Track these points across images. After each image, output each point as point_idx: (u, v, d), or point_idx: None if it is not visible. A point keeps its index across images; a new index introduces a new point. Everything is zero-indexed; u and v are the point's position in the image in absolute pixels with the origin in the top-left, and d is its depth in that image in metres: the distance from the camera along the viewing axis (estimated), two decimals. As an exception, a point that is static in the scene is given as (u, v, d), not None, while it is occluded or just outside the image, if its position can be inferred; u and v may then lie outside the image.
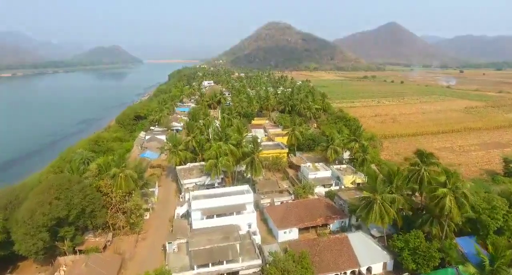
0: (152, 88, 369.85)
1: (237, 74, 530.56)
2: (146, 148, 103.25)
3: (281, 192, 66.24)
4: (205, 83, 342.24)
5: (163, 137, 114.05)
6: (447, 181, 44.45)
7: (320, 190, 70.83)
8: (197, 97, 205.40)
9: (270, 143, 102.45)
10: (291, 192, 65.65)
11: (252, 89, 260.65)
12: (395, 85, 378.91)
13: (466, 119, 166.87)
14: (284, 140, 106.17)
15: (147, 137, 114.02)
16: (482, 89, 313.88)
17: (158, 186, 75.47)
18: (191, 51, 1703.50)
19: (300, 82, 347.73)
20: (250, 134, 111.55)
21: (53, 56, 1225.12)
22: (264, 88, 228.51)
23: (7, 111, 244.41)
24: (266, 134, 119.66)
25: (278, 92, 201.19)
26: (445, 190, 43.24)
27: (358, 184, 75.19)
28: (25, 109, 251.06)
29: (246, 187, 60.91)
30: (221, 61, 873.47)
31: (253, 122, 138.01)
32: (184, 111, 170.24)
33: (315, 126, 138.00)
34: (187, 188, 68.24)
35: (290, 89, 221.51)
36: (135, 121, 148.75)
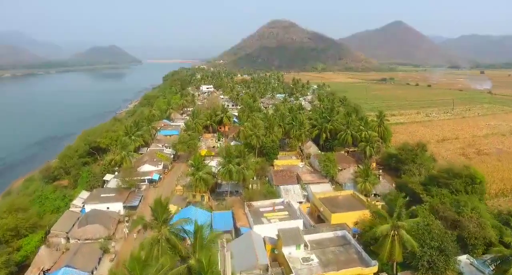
0: (145, 91, 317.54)
1: (240, 75, 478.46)
2: (77, 241, 51.13)
3: None
4: (204, 88, 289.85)
5: (119, 206, 62.06)
6: None
7: None
8: (190, 111, 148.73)
9: (330, 234, 49.15)
10: None
11: (261, 97, 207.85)
12: (423, 89, 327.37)
13: None
14: (348, 217, 55.14)
15: (87, 206, 61.03)
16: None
17: None
18: (191, 51, 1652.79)
19: (316, 86, 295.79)
20: (280, 202, 59.87)
21: (53, 56, 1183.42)
22: (284, 99, 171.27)
23: None
24: (306, 194, 66.90)
25: (303, 104, 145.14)
26: None
27: None
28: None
29: None
30: (221, 61, 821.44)
31: (276, 162, 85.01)
32: (170, 136, 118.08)
33: (376, 168, 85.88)
34: None
35: (313, 98, 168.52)
36: (92, 157, 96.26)
